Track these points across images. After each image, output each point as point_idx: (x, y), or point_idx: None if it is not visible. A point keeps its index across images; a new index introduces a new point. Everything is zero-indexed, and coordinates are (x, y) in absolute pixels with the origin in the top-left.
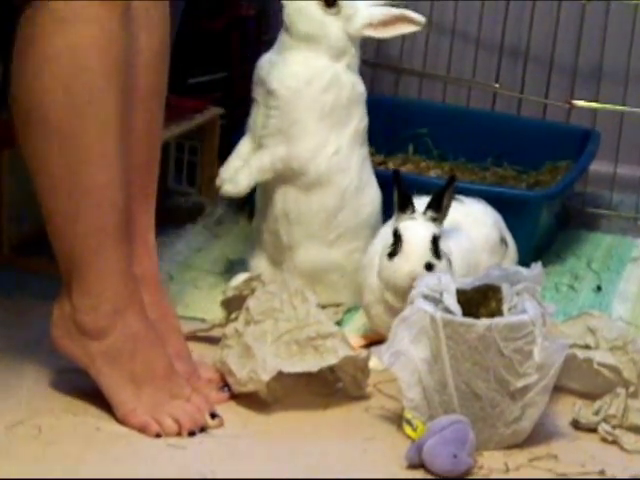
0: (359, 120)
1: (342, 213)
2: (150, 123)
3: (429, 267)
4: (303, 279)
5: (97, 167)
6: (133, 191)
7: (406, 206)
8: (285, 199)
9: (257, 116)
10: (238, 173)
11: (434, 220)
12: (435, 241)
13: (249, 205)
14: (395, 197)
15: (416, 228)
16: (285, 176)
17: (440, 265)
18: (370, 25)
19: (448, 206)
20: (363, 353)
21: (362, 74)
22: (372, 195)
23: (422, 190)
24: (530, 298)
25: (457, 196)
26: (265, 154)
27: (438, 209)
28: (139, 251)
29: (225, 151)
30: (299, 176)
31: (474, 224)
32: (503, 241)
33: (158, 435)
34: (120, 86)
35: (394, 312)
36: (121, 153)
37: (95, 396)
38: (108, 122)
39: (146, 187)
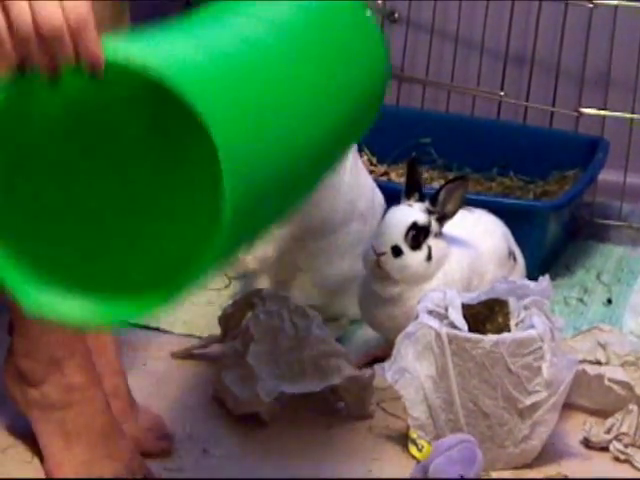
0: None
1: (365, 228)
2: None
3: (396, 251)
4: (323, 292)
5: None
6: None
7: (411, 193)
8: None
9: None
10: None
11: (430, 212)
12: (414, 229)
13: None
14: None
15: (399, 211)
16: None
17: (413, 255)
18: None
19: (451, 203)
20: (367, 372)
21: None
22: (379, 196)
23: None
24: (538, 312)
25: (467, 206)
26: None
27: (434, 202)
28: None
29: None
30: (318, 232)
31: (483, 234)
32: (512, 255)
33: None
34: None
35: (378, 301)
36: None
37: None
38: None
39: None
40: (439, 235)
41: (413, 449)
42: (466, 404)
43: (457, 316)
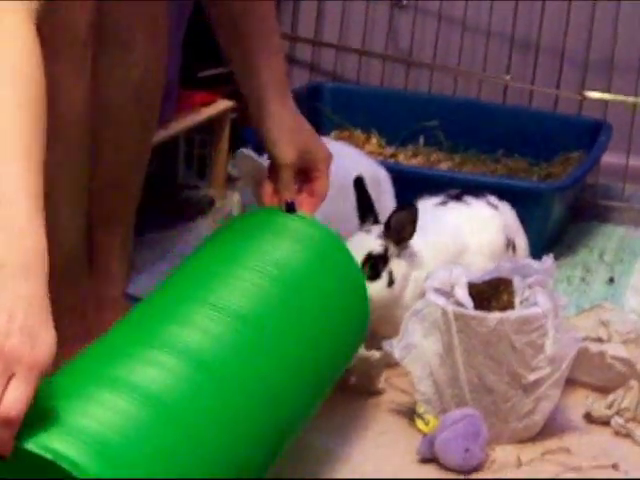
0: None
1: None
2: (124, 154)
3: None
4: None
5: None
6: (97, 216)
7: (366, 216)
8: None
9: None
10: None
11: (386, 237)
12: (370, 259)
13: None
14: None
15: (354, 243)
16: None
17: (372, 286)
18: None
19: (405, 229)
20: (376, 354)
21: (372, 67)
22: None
23: (431, 184)
24: (542, 291)
25: (465, 197)
26: None
27: (388, 229)
28: (99, 277)
29: (235, 145)
30: None
31: (476, 228)
32: (510, 246)
33: None
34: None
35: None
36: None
37: None
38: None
39: (111, 213)
40: (401, 254)
41: (420, 423)
42: (471, 380)
43: (463, 294)
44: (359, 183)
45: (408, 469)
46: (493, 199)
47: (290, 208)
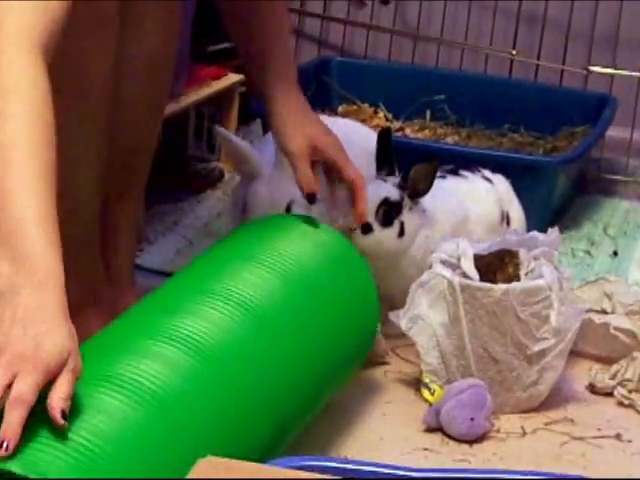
0: None
1: None
2: (134, 131)
3: (365, 228)
4: None
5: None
6: (107, 190)
7: (382, 166)
8: None
9: None
10: None
11: (401, 188)
12: (386, 205)
13: None
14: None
15: (371, 187)
16: None
17: (383, 233)
18: None
19: (422, 182)
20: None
21: (380, 41)
22: None
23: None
24: (547, 263)
25: (461, 171)
26: None
27: (405, 180)
28: (109, 249)
29: (244, 118)
30: None
31: (474, 201)
32: (505, 219)
33: None
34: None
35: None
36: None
37: None
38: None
39: (122, 190)
40: (413, 208)
41: (426, 393)
42: (477, 350)
43: (469, 266)
44: (384, 135)
45: (414, 438)
46: (487, 173)
47: (366, 229)
